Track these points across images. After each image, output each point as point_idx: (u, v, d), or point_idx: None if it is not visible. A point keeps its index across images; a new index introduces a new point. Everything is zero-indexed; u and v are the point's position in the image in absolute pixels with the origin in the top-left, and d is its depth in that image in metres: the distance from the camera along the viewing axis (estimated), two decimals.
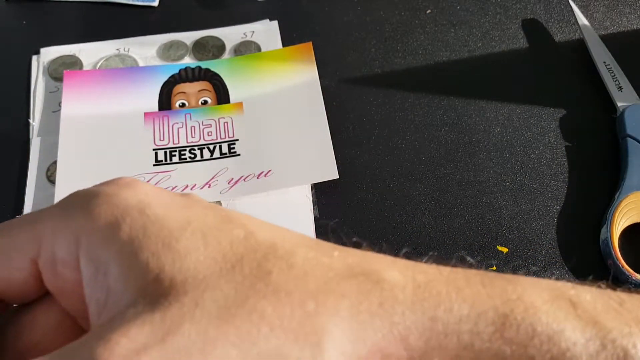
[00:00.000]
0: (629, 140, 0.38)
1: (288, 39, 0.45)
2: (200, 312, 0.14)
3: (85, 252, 0.16)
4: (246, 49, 0.44)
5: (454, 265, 0.18)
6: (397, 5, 0.47)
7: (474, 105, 0.42)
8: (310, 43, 0.44)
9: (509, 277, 0.17)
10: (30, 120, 0.41)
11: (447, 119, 0.41)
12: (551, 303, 0.16)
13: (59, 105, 0.41)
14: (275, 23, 0.45)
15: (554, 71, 0.43)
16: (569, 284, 0.17)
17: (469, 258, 0.32)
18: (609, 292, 0.17)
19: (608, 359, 0.15)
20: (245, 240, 0.16)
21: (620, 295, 0.17)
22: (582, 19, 0.44)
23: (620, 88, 0.41)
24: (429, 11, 0.47)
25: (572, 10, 0.45)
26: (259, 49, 0.44)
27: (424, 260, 0.18)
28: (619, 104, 0.40)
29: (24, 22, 0.46)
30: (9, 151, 0.40)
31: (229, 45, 0.45)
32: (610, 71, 0.42)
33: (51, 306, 0.18)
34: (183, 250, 0.15)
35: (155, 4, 0.47)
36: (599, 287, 0.17)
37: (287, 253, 0.16)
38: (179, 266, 0.15)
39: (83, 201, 0.16)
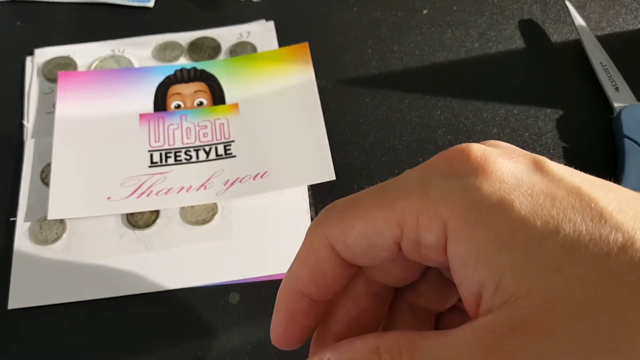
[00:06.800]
0: (626, 140, 0.38)
1: (284, 40, 0.44)
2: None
3: (453, 245, 0.15)
4: (242, 49, 0.44)
5: None
6: (393, 6, 0.47)
7: (471, 106, 0.42)
8: (307, 43, 0.43)
9: None
10: (25, 122, 0.41)
11: (444, 120, 0.41)
12: None
13: (53, 106, 0.41)
14: (271, 23, 0.45)
15: (551, 72, 0.43)
16: None
17: None
18: None
19: None
20: (621, 252, 0.13)
21: None
22: (579, 20, 0.44)
23: (616, 88, 0.41)
24: (425, 12, 0.47)
25: (568, 11, 0.45)
26: (254, 49, 0.44)
27: None
28: (616, 105, 0.40)
29: (18, 23, 0.46)
30: (2, 153, 0.40)
31: (224, 46, 0.44)
32: (607, 72, 0.41)
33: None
34: (543, 266, 0.14)
35: (151, 4, 0.47)
36: None
37: None
38: (536, 286, 0.14)
39: (444, 185, 0.16)
